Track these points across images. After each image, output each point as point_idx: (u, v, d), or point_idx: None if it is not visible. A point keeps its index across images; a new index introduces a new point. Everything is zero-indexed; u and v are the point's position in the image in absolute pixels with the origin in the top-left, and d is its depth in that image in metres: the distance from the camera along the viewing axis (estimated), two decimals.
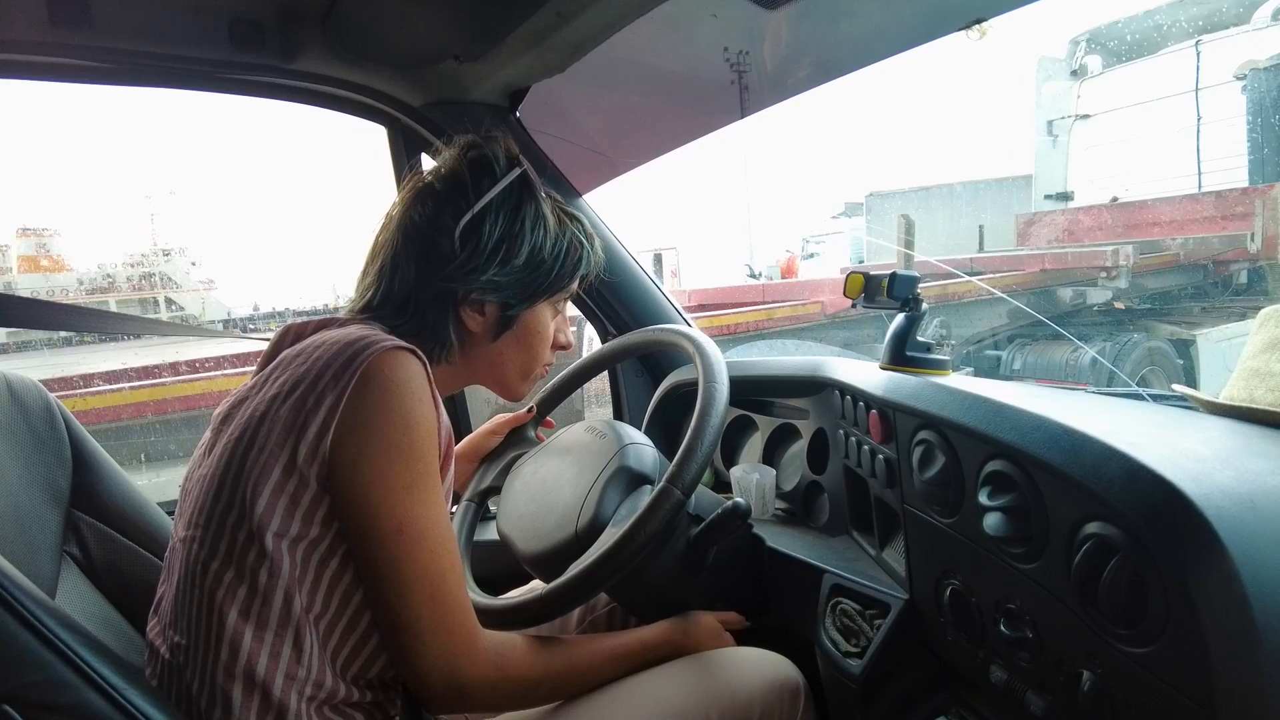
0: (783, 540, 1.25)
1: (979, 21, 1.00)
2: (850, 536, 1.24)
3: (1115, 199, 6.67)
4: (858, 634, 1.05)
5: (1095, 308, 5.58)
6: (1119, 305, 5.52)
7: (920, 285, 1.10)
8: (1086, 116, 6.97)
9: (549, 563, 1.04)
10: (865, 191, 8.43)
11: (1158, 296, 5.82)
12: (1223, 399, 0.89)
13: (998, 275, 5.74)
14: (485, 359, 1.01)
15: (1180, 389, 0.97)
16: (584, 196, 1.71)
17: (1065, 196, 7.14)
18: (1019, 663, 0.82)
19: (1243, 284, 5.84)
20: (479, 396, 1.87)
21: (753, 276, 8.51)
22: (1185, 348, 5.22)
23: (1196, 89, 6.15)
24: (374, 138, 1.60)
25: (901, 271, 1.05)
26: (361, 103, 1.49)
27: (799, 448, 1.41)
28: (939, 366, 1.05)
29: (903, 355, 1.06)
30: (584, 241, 1.02)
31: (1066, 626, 0.73)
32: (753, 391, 1.52)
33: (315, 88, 1.45)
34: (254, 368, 0.96)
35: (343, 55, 1.38)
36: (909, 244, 5.03)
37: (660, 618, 1.23)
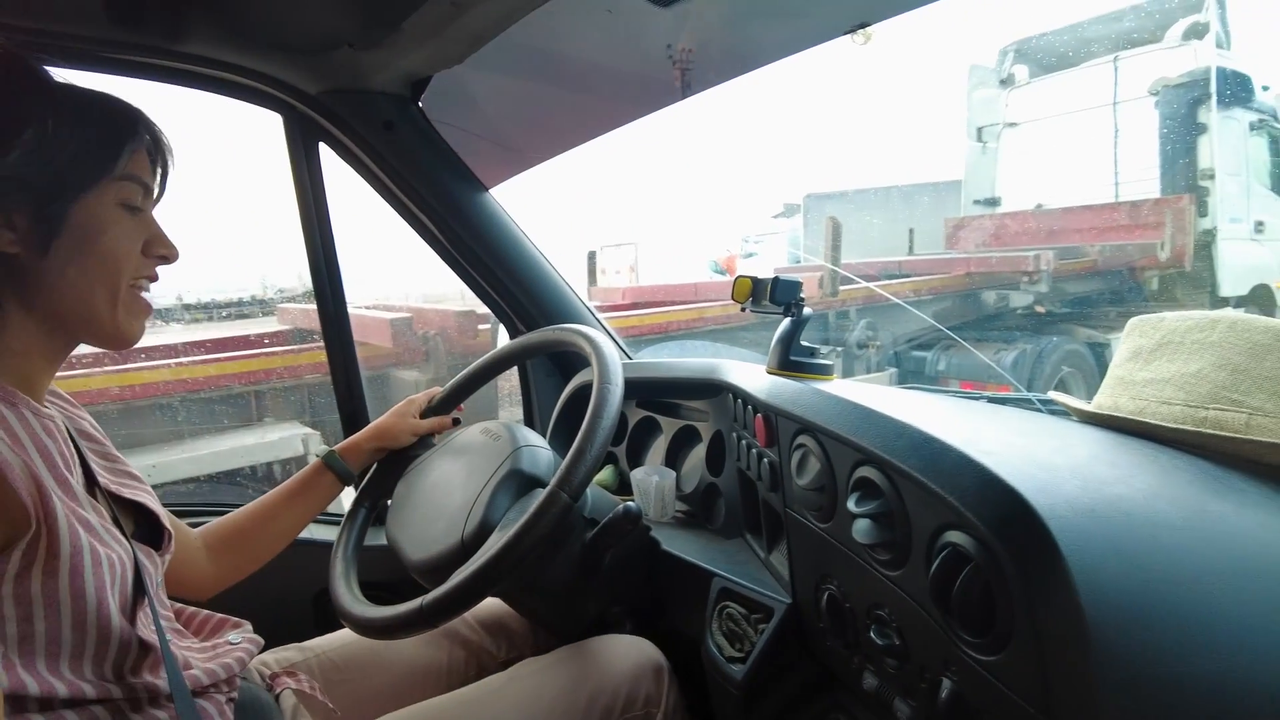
0: (678, 543, 1.24)
1: (863, 26, 1.00)
2: (744, 539, 1.24)
3: (1040, 205, 6.85)
4: (742, 638, 1.04)
5: (1018, 310, 5.73)
6: (1040, 309, 5.67)
7: (849, 287, 1.10)
8: (1014, 124, 7.14)
9: (435, 570, 1.01)
10: (804, 193, 8.53)
11: (1077, 301, 6.00)
12: (1092, 406, 0.91)
13: (925, 278, 5.86)
14: (48, 289, 0.77)
15: (1055, 395, 0.98)
16: (491, 190, 1.67)
17: (993, 202, 7.30)
18: (888, 669, 0.82)
19: (1155, 290, 6.03)
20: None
21: (719, 273, 8.53)
22: (1101, 351, 5.39)
23: (1114, 102, 6.35)
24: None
25: (784, 277, 1.05)
26: (254, 89, 1.43)
27: (700, 450, 1.40)
28: (823, 371, 1.05)
29: (787, 360, 1.06)
30: (123, 118, 0.81)
31: (928, 634, 0.73)
32: (657, 393, 1.51)
33: (204, 71, 1.37)
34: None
35: (232, 39, 1.31)
36: (835, 246, 5.10)
37: (557, 622, 1.21)
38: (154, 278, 0.86)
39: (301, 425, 3.85)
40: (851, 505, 0.79)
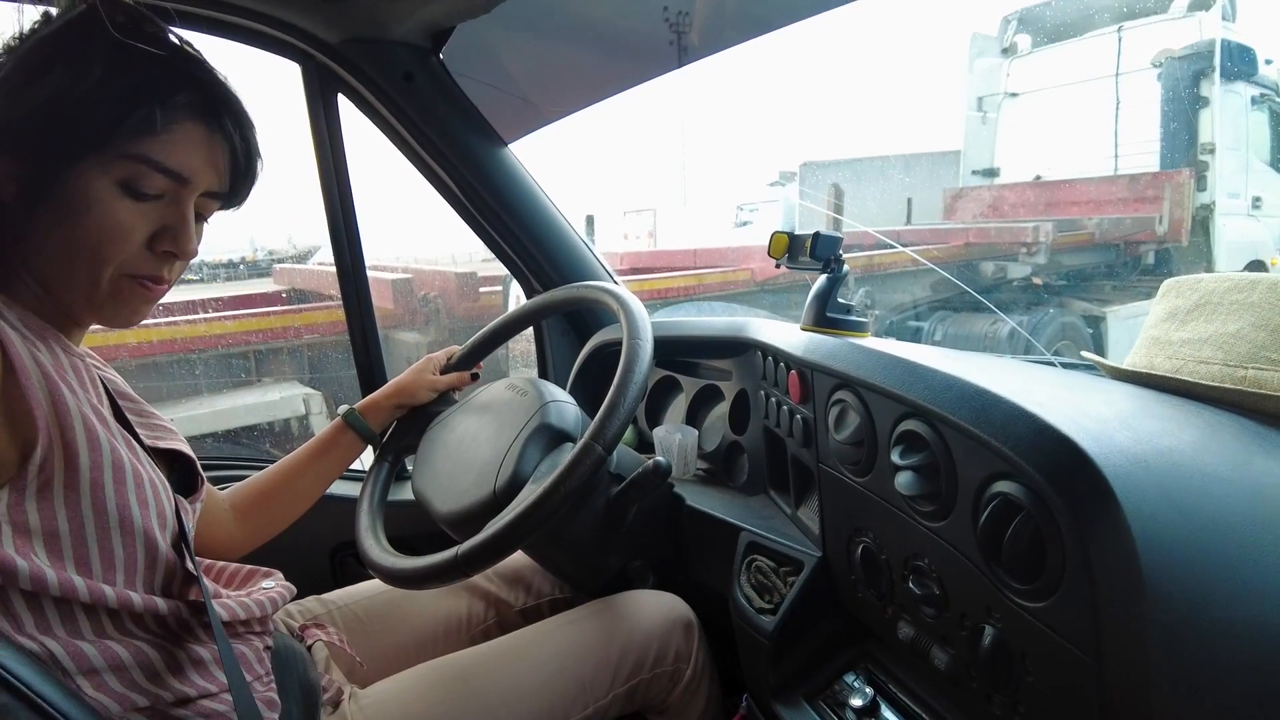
0: (702, 499, 1.26)
1: None
2: (768, 496, 1.26)
3: (1039, 177, 6.84)
4: (771, 590, 1.06)
5: (1015, 282, 5.74)
6: (1037, 281, 5.68)
7: (848, 254, 1.10)
8: (1015, 95, 7.10)
9: (466, 522, 1.02)
10: (800, 161, 8.44)
11: (1074, 273, 6.02)
12: (1126, 365, 0.92)
13: (923, 247, 5.86)
14: (35, 250, 0.73)
15: (1088, 356, 0.99)
16: (510, 145, 1.66)
17: (992, 173, 7.28)
18: (925, 618, 0.84)
19: (1150, 264, 6.09)
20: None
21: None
22: (1096, 324, 5.43)
23: (1117, 74, 6.31)
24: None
25: (825, 232, 1.05)
26: (273, 36, 1.40)
27: (721, 409, 1.42)
28: (858, 328, 1.06)
29: (823, 316, 1.06)
30: (152, 90, 0.73)
31: (970, 582, 0.75)
32: (678, 352, 1.52)
33: (221, 17, 1.35)
34: None
35: None
36: (839, 212, 5.14)
37: (580, 576, 1.23)
38: (158, 278, 0.78)
39: (302, 385, 3.85)
40: (895, 458, 0.80)
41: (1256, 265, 6.31)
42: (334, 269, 1.60)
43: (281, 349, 3.87)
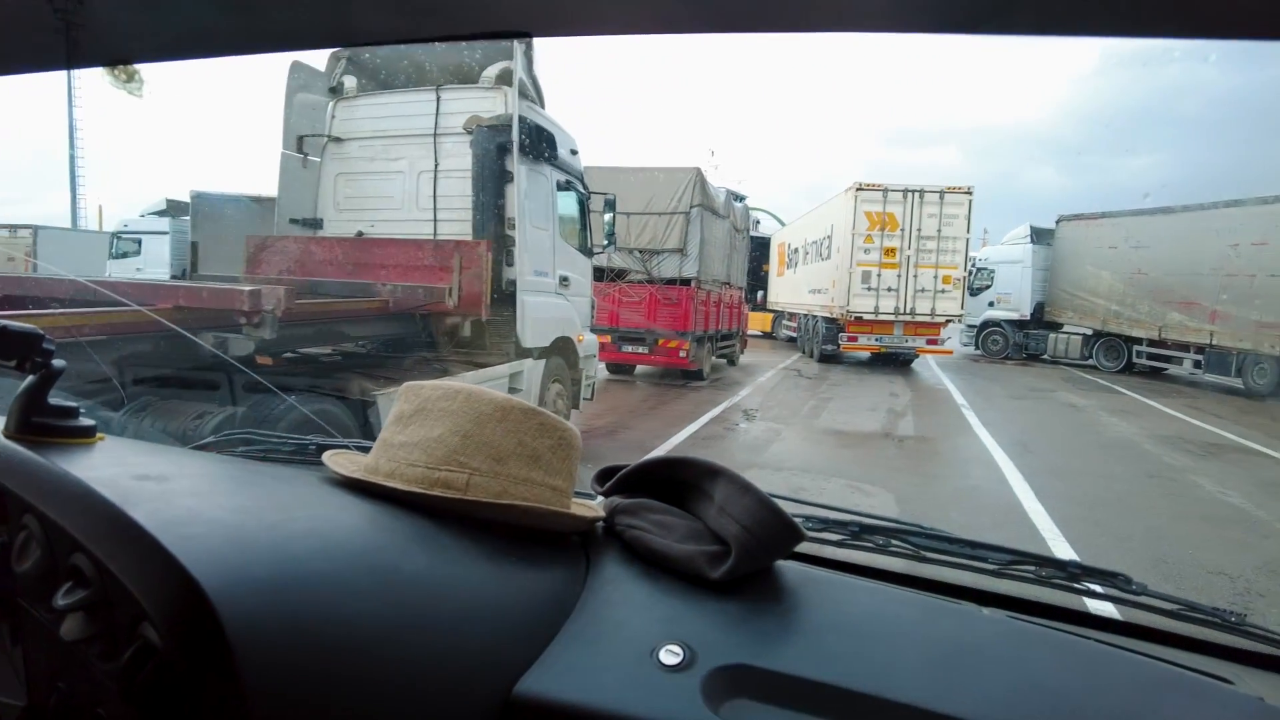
0: None
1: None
2: None
3: (361, 233, 6.38)
4: None
5: (240, 359, 3.90)
6: (263, 360, 4.23)
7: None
8: (340, 140, 6.56)
9: None
10: (190, 190, 6.93)
11: (386, 343, 5.46)
12: (361, 467, 0.98)
13: (120, 309, 3.53)
14: None
15: (326, 456, 1.02)
16: None
17: (314, 223, 6.62)
18: None
19: (468, 337, 5.66)
20: None
21: None
22: (365, 409, 4.42)
23: (435, 134, 6.18)
24: None
25: (13, 325, 0.87)
26: None
27: None
28: (81, 434, 0.92)
29: (28, 422, 0.89)
30: None
31: None
32: None
33: None
34: None
35: None
36: (36, 257, 4.03)
37: None
38: None
39: None
40: (59, 597, 0.73)
41: (563, 341, 6.64)
42: None
43: None
